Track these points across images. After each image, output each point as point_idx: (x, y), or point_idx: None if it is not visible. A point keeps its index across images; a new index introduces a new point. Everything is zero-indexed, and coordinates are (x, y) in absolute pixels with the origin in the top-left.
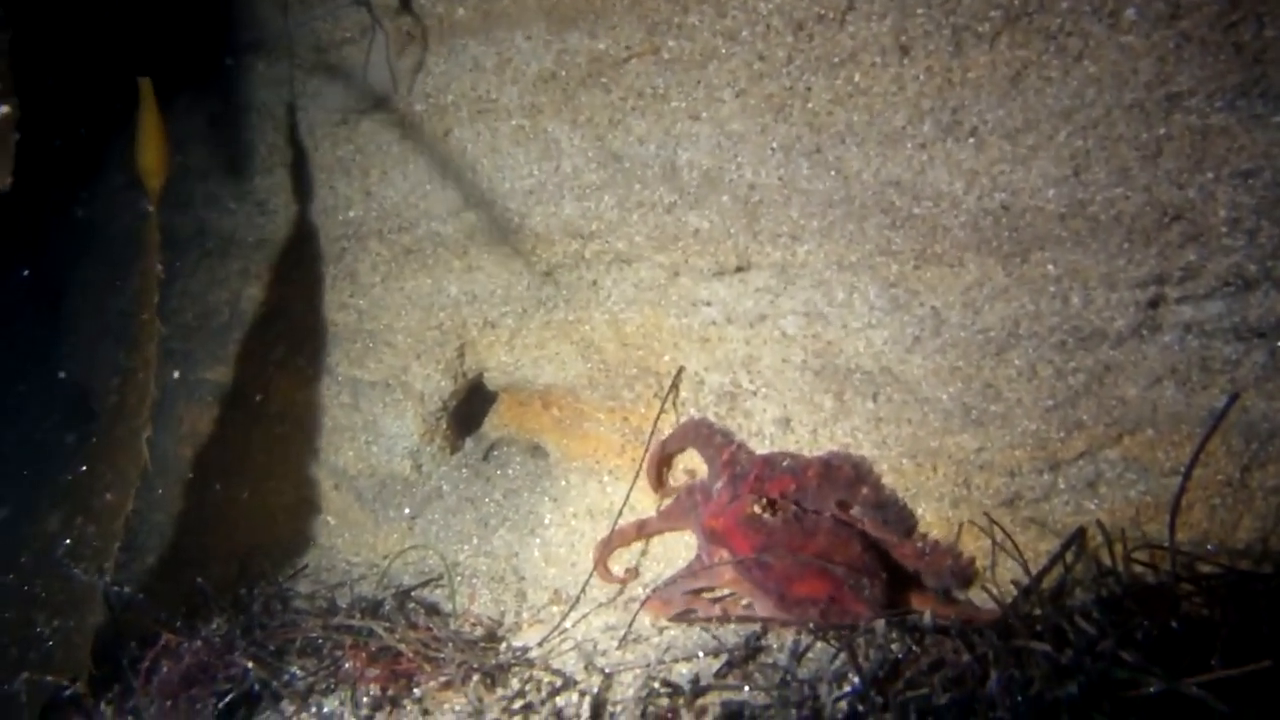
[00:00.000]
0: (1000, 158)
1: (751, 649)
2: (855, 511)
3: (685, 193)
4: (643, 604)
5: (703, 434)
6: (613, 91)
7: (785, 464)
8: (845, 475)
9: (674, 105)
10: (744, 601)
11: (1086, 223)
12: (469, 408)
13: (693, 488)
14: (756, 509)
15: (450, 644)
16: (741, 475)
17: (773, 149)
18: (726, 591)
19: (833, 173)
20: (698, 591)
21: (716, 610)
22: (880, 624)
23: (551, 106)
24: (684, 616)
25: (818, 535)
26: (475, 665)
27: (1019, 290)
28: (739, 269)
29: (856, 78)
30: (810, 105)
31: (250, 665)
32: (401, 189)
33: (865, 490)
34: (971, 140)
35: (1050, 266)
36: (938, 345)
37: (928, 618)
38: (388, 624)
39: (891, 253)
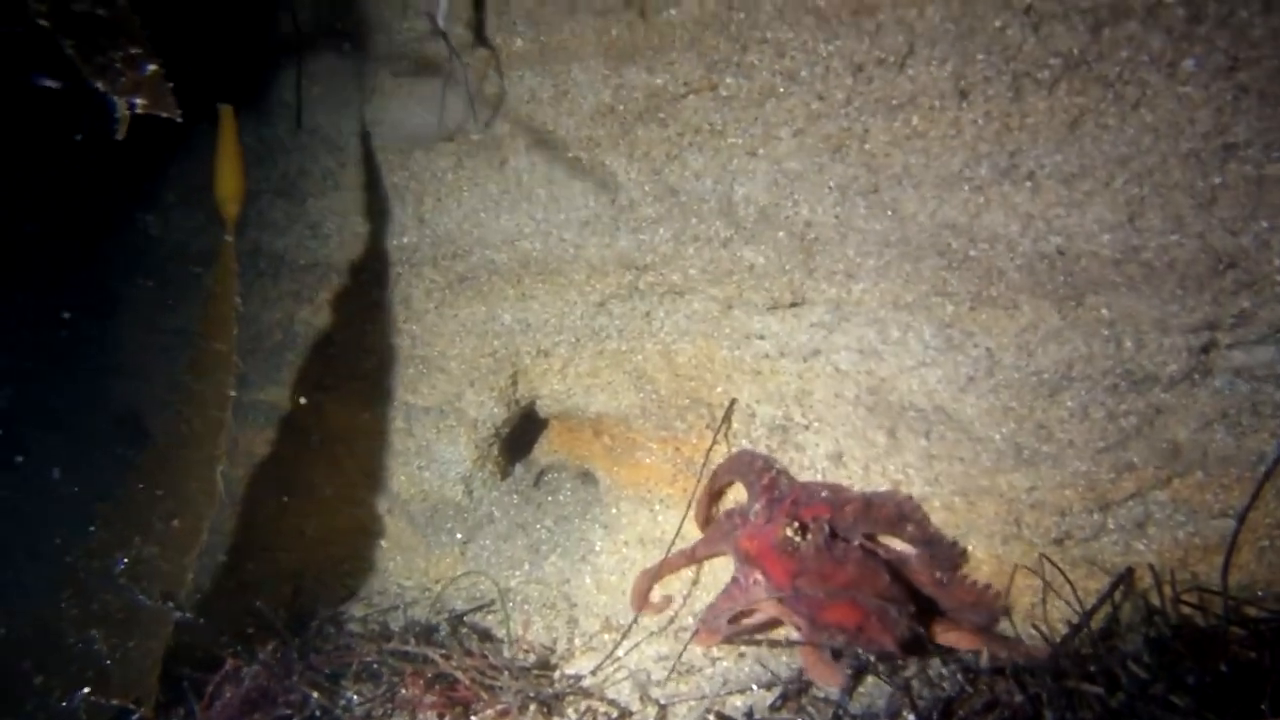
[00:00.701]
0: (1056, 202)
1: (804, 682)
2: (902, 548)
3: (741, 228)
4: (693, 636)
5: (745, 461)
6: (670, 126)
7: (824, 494)
8: (888, 514)
9: (731, 142)
10: (787, 633)
11: (1141, 268)
12: (519, 433)
13: (731, 512)
14: (789, 532)
15: (506, 671)
16: (779, 499)
17: (830, 188)
18: (765, 617)
19: (889, 213)
20: (740, 617)
21: (759, 634)
22: (934, 661)
23: (609, 140)
24: (731, 641)
25: (847, 565)
26: (532, 694)
27: (1073, 333)
28: (793, 304)
29: (915, 120)
30: (868, 146)
31: (314, 693)
32: (456, 217)
33: (911, 528)
34: (1028, 184)
35: (1104, 310)
36: (991, 385)
37: (984, 659)
38: (443, 650)
39: (947, 294)
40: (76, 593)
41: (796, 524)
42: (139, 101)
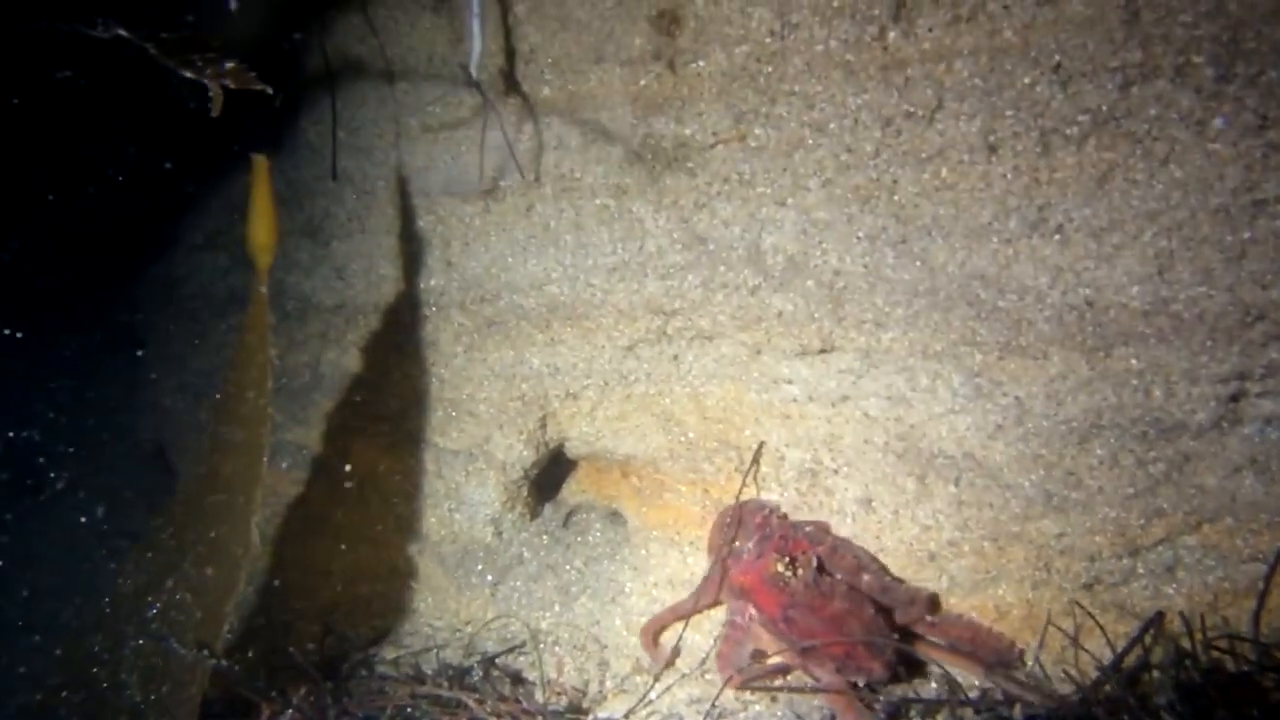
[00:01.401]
0: (1085, 255)
1: None
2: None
3: (769, 276)
4: (726, 682)
5: (746, 509)
6: (699, 176)
7: (808, 530)
8: (847, 563)
9: (760, 191)
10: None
11: (1170, 320)
12: (547, 474)
13: (725, 556)
14: (780, 567)
15: (540, 716)
16: (768, 537)
17: (859, 237)
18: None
19: (918, 263)
20: (761, 657)
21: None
22: (968, 713)
23: (637, 187)
24: (755, 682)
25: (834, 599)
26: None
27: (1102, 383)
28: (822, 350)
29: (944, 173)
30: (897, 197)
31: None
32: (483, 261)
33: (868, 578)
34: (1057, 237)
35: (1133, 361)
36: (1020, 433)
37: (1021, 706)
38: (477, 694)
39: (976, 343)
40: (108, 637)
41: (787, 559)
42: (229, 82)
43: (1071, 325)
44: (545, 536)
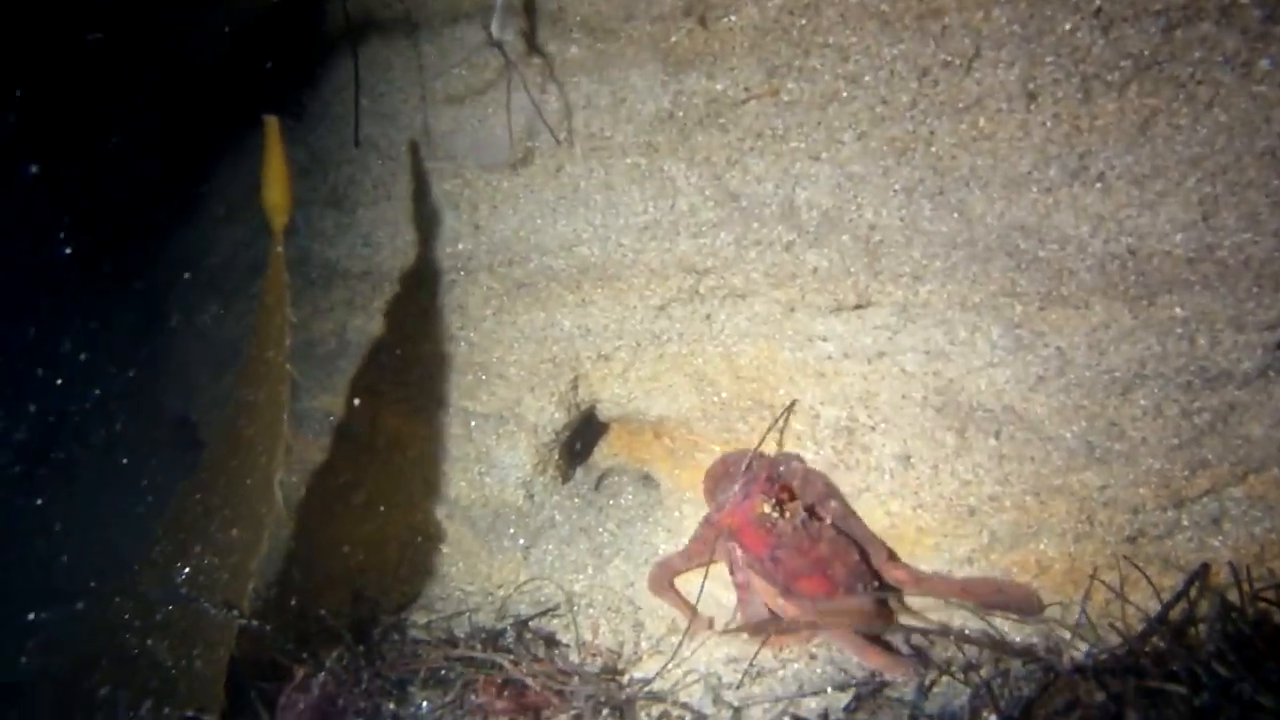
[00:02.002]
0: (1128, 202)
1: (878, 684)
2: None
3: (804, 231)
4: (764, 641)
5: (731, 458)
6: (731, 132)
7: (783, 468)
8: (817, 490)
9: (793, 146)
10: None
11: (1215, 266)
12: (578, 437)
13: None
14: (766, 508)
15: (576, 676)
16: (753, 479)
17: (895, 191)
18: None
19: (956, 215)
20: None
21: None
22: (1016, 664)
23: (668, 145)
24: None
25: (821, 541)
26: (604, 699)
27: (1145, 332)
28: (857, 306)
29: (981, 123)
30: (934, 149)
31: (391, 705)
32: (512, 223)
33: (834, 504)
34: (1099, 185)
35: (1177, 309)
36: (1062, 385)
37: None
38: (511, 655)
39: (1016, 294)
40: (139, 603)
41: (773, 501)
42: None
43: (1114, 274)
44: (577, 499)
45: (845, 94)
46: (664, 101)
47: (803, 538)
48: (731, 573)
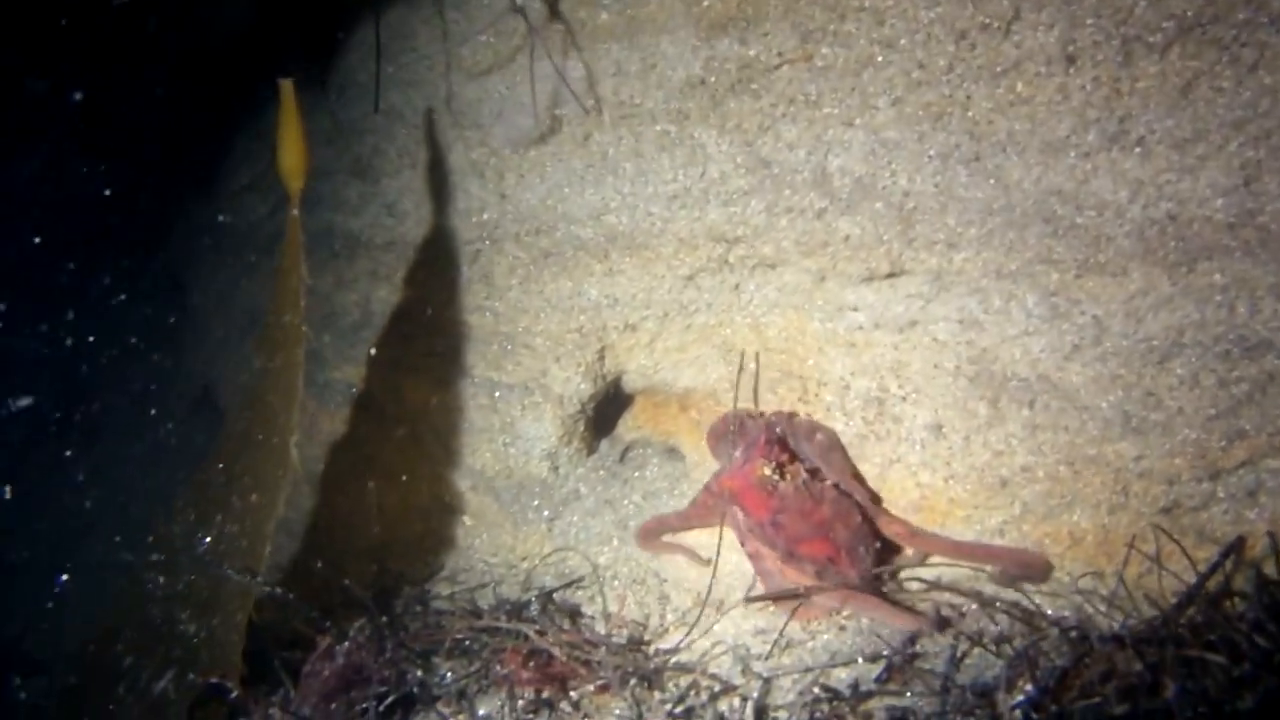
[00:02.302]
0: (1168, 167)
1: (910, 654)
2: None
3: (836, 199)
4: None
5: (726, 422)
6: (763, 98)
7: (780, 427)
8: (804, 427)
9: (826, 112)
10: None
11: (1256, 232)
12: (603, 409)
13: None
14: (767, 471)
15: (602, 647)
16: (752, 442)
17: (929, 156)
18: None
19: (992, 181)
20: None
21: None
22: (1053, 632)
23: (699, 112)
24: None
25: (824, 504)
26: (631, 669)
27: (1184, 299)
28: (890, 275)
29: (1019, 87)
30: (970, 114)
31: (418, 672)
32: (539, 192)
33: (820, 435)
34: (1138, 150)
35: (1217, 276)
36: (1098, 353)
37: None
38: (537, 626)
39: (1052, 261)
40: (162, 574)
41: (774, 464)
42: None
43: (1153, 240)
44: (602, 472)
45: (880, 58)
46: (695, 67)
47: (805, 499)
48: (741, 543)
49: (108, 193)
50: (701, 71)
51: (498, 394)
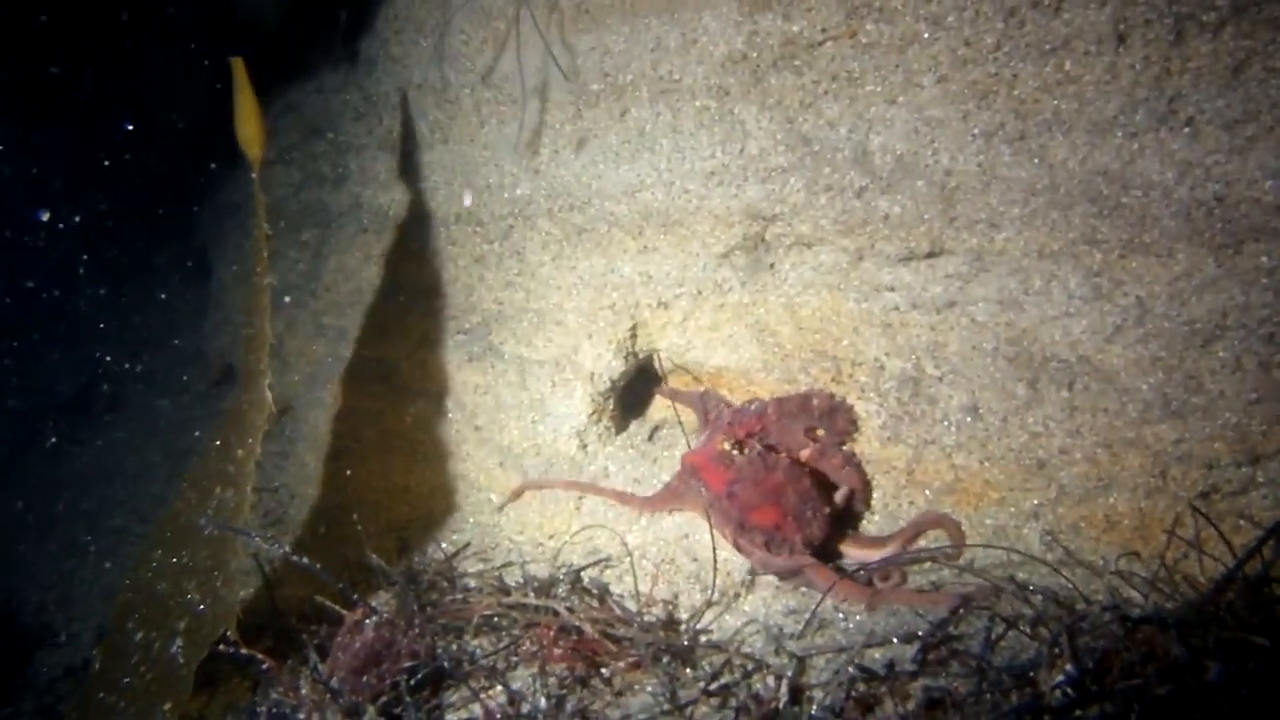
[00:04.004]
0: (1216, 148)
1: (945, 635)
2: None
3: (877, 177)
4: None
5: (695, 403)
6: (805, 74)
7: (753, 408)
8: (797, 403)
9: (869, 89)
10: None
11: None
12: (632, 388)
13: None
14: (726, 446)
15: (634, 624)
16: (719, 423)
17: (973, 135)
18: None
19: (1036, 160)
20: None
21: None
22: (1095, 609)
23: (739, 88)
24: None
25: (777, 470)
26: (663, 646)
27: (1229, 282)
28: (930, 254)
29: (1068, 65)
30: (1016, 92)
31: (452, 644)
32: (574, 168)
33: (816, 400)
34: (1187, 130)
35: (1264, 258)
36: (1140, 335)
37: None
38: (567, 603)
39: (1096, 241)
40: (168, 550)
41: (734, 440)
42: None
43: (1199, 221)
44: (631, 450)
45: (926, 35)
46: (737, 43)
47: (758, 468)
48: (726, 537)
49: (138, 178)
50: (743, 47)
51: (528, 370)
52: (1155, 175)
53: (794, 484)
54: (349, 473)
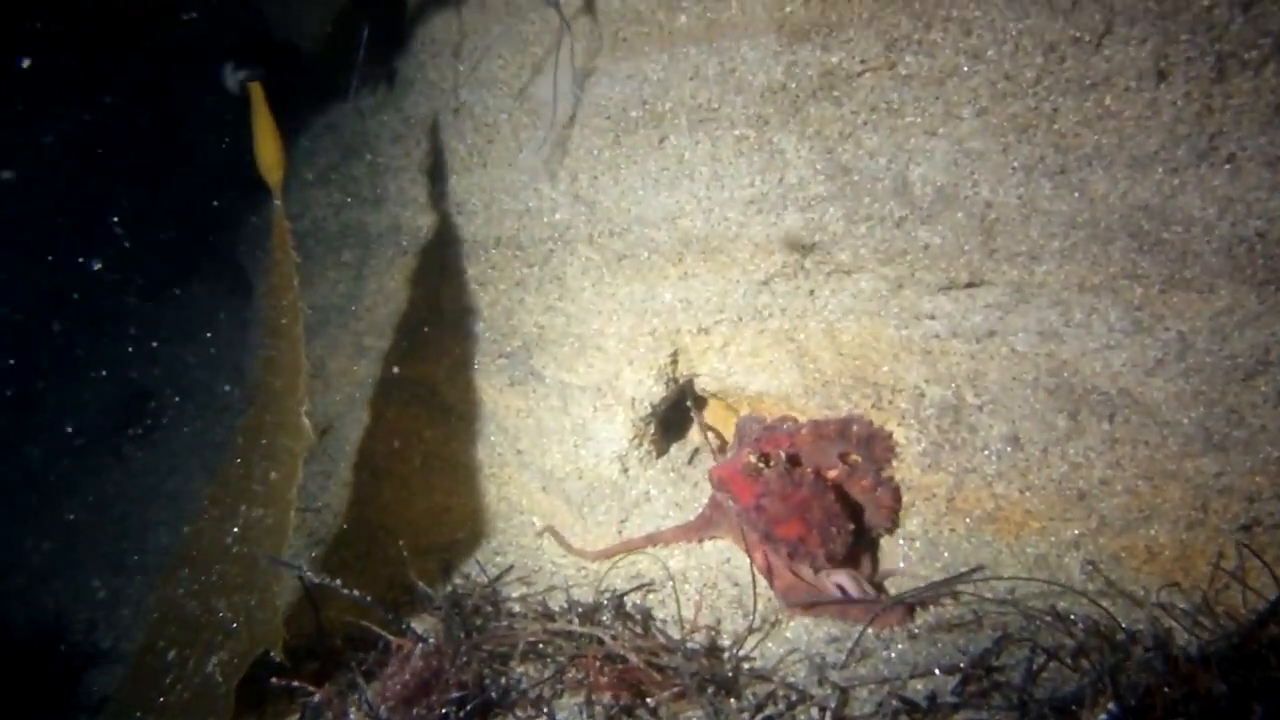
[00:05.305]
0: (1258, 185)
1: (987, 667)
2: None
3: (917, 208)
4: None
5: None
6: (845, 105)
7: (785, 427)
8: (834, 429)
9: (909, 121)
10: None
11: None
12: (673, 412)
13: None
14: (752, 459)
15: (678, 653)
16: (748, 439)
17: (1013, 168)
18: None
19: (1077, 194)
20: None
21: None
22: (1137, 650)
23: (779, 117)
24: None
25: (803, 486)
26: (708, 676)
27: (1271, 318)
28: (969, 284)
29: (1108, 101)
30: (1057, 126)
31: (500, 677)
32: (613, 194)
33: (856, 427)
34: (1228, 166)
35: None
36: (1181, 369)
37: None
38: (612, 631)
39: (1137, 276)
40: (196, 568)
41: (760, 454)
42: None
43: (1241, 257)
44: (672, 474)
45: (966, 69)
46: (776, 73)
47: (786, 483)
48: (750, 557)
49: (176, 197)
50: (783, 77)
51: (569, 395)
52: (1196, 211)
53: (819, 499)
54: (392, 493)
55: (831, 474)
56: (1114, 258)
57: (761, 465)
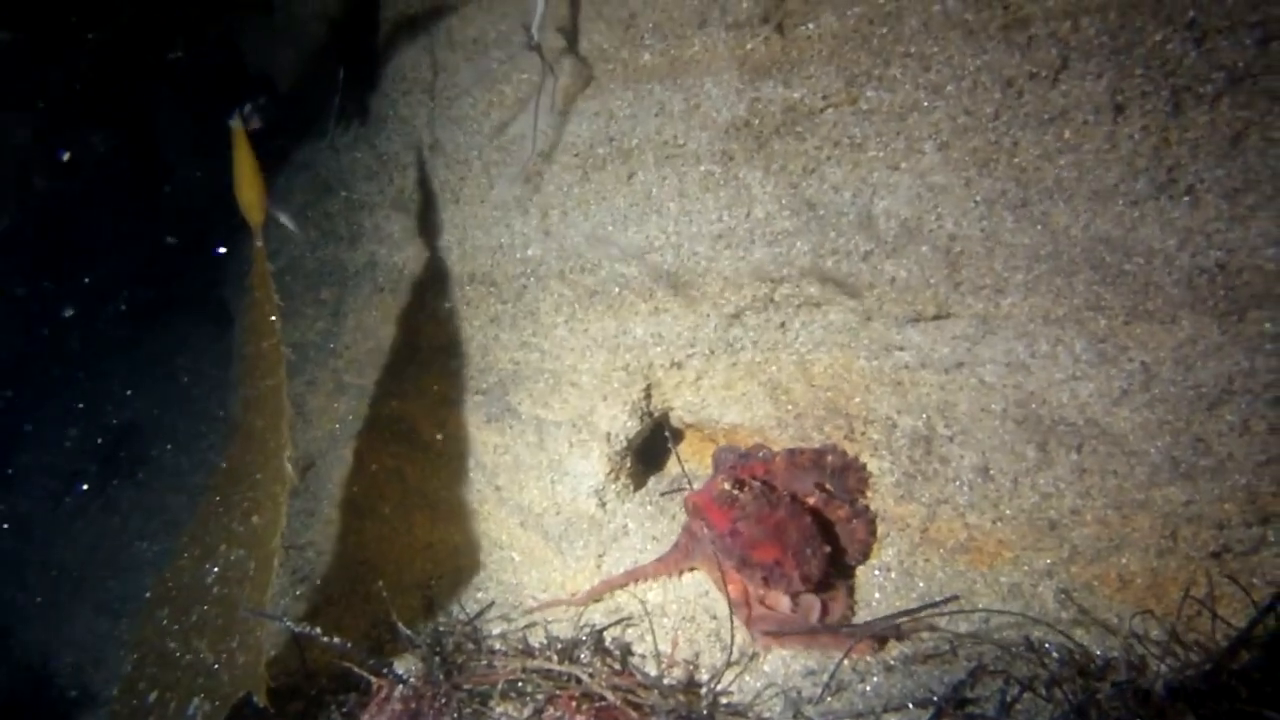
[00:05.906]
0: (1217, 216)
1: (960, 699)
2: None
3: (882, 241)
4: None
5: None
6: (808, 140)
7: (760, 455)
8: (808, 458)
9: (871, 155)
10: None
11: None
12: (650, 444)
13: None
14: (727, 485)
15: (656, 690)
16: (723, 466)
17: (976, 201)
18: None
19: (1039, 227)
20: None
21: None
22: (1106, 688)
23: (743, 153)
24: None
25: (779, 508)
26: (684, 714)
27: (1234, 348)
28: (936, 316)
29: (1067, 134)
30: (1017, 160)
31: (476, 710)
32: (583, 230)
33: (831, 458)
34: (1187, 199)
35: (1267, 325)
36: (1147, 399)
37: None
38: (590, 668)
39: (1100, 308)
40: (174, 609)
41: (734, 480)
42: None
43: (1202, 289)
44: (649, 507)
45: (926, 103)
46: (740, 109)
47: (762, 505)
48: (724, 589)
49: (156, 232)
50: (746, 113)
51: (545, 431)
52: (1157, 243)
53: (795, 521)
54: (373, 530)
55: (809, 500)
56: (1077, 289)
57: (736, 491)
